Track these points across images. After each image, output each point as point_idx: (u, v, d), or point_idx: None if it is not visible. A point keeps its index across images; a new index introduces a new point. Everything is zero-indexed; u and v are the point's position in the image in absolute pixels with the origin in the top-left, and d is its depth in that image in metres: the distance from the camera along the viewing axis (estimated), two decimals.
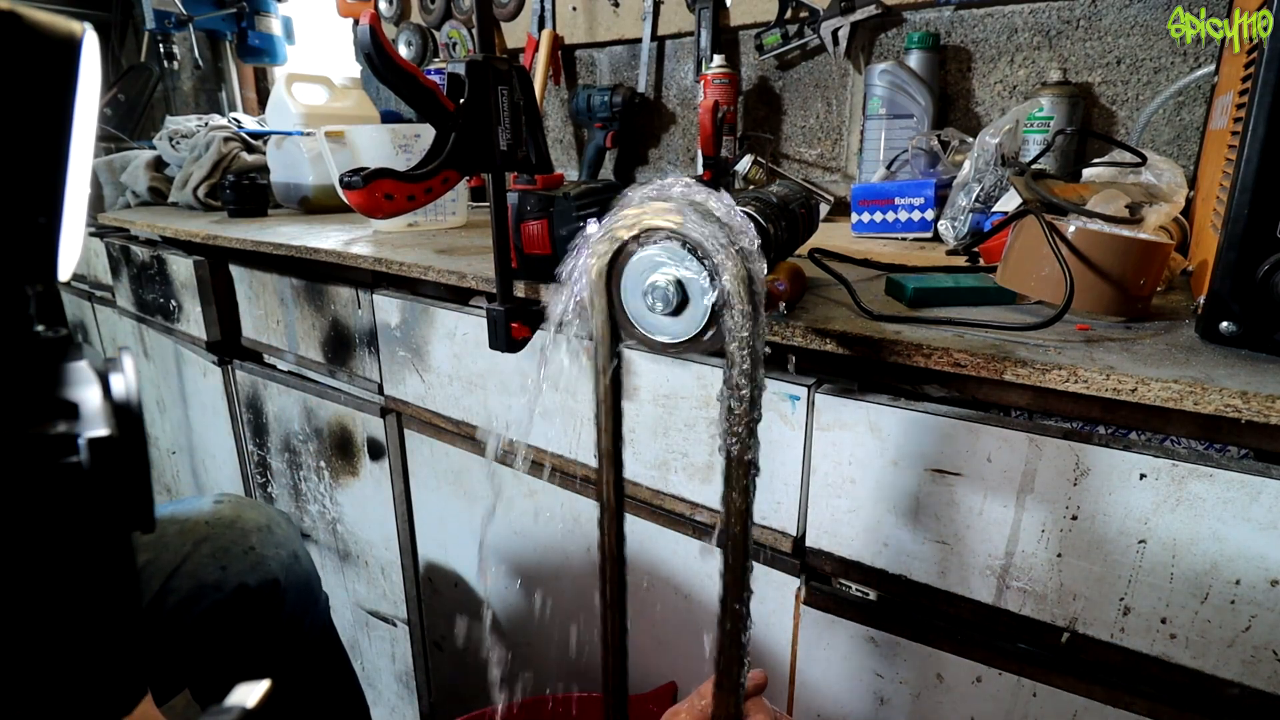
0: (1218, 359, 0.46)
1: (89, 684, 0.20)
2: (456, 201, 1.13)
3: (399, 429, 0.98)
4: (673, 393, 0.67)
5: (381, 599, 1.12)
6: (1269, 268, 0.44)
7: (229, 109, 2.30)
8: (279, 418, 1.17)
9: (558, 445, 0.79)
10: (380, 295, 0.92)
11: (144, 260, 1.33)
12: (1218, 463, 0.44)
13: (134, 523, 0.19)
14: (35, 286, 0.20)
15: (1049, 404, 0.52)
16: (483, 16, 0.66)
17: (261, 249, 1.03)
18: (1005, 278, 0.59)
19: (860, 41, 1.20)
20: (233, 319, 1.22)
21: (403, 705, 1.18)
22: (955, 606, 0.55)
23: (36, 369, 0.20)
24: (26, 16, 0.18)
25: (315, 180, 1.35)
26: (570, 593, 0.84)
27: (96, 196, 1.60)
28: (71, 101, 0.19)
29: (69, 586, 0.19)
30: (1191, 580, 0.45)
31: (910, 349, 0.50)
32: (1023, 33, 1.07)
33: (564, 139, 1.63)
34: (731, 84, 1.26)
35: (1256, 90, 0.43)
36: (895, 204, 0.94)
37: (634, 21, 1.41)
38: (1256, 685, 0.45)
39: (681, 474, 0.68)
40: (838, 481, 0.58)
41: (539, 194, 0.69)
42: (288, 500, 1.23)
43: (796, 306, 0.60)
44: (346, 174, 0.62)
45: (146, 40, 2.25)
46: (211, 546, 0.80)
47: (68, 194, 0.20)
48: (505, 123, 0.66)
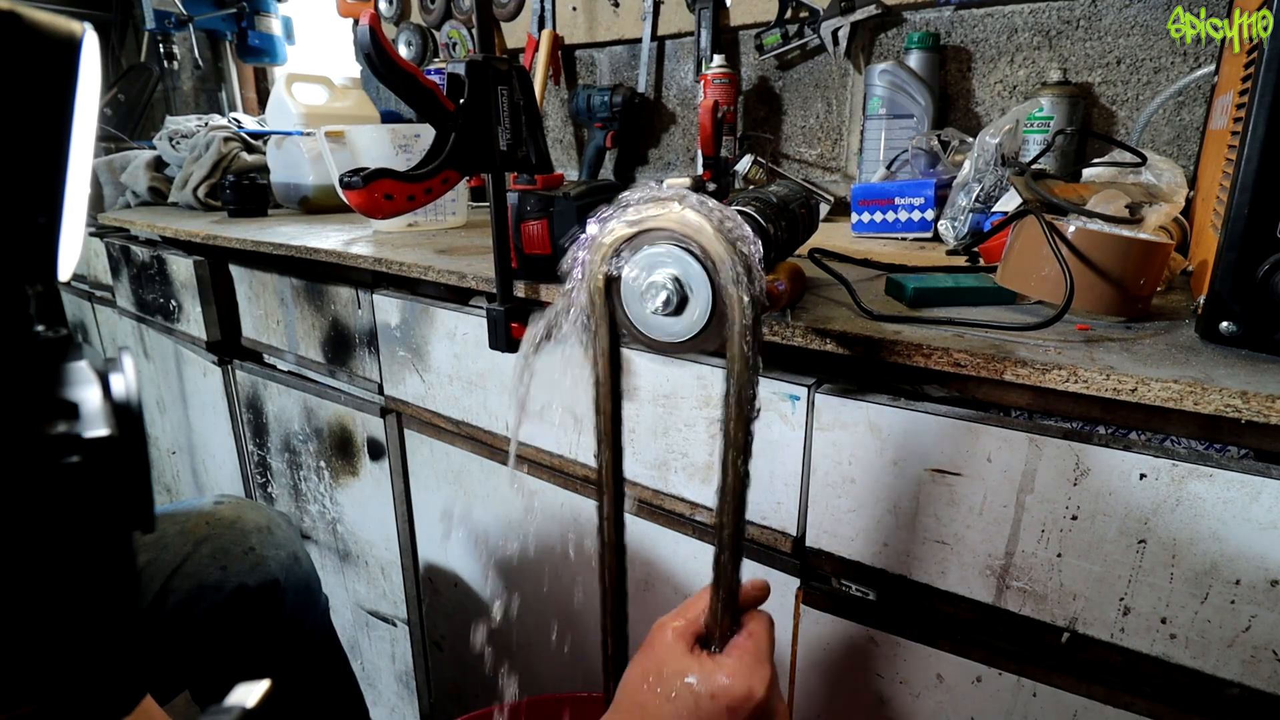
0: (1218, 359, 0.46)
1: (89, 684, 0.20)
2: (456, 201, 1.13)
3: (399, 429, 0.98)
4: (673, 393, 0.67)
5: (381, 599, 1.12)
6: (1269, 268, 0.44)
7: (229, 109, 2.30)
8: (279, 418, 1.17)
9: (557, 445, 0.79)
10: (380, 295, 0.92)
11: (144, 260, 1.33)
12: (1218, 463, 0.44)
13: (134, 523, 0.19)
14: (35, 286, 0.20)
15: (1049, 404, 0.52)
16: (483, 16, 0.66)
17: (261, 249, 1.03)
18: (1005, 278, 0.59)
19: (860, 41, 1.20)
20: (233, 319, 1.22)
21: (403, 705, 1.18)
22: (955, 606, 0.55)
23: (36, 369, 0.20)
24: (26, 16, 0.18)
25: (315, 180, 1.35)
26: (570, 592, 0.84)
27: (96, 196, 1.60)
28: (71, 101, 0.19)
29: (69, 586, 0.19)
30: (1191, 580, 0.45)
31: (910, 349, 0.50)
32: (1023, 33, 1.07)
33: (564, 139, 1.63)
34: (731, 84, 1.26)
35: (1256, 90, 0.43)
36: (895, 204, 0.94)
37: (634, 21, 1.41)
38: (1256, 685, 0.45)
39: (681, 474, 0.68)
40: (838, 481, 0.58)
41: (539, 194, 0.69)
42: (288, 500, 1.23)
43: (796, 306, 0.60)
44: (346, 174, 0.62)
45: (146, 40, 2.25)
46: (211, 547, 0.80)
47: (68, 194, 0.20)
48: (505, 123, 0.66)
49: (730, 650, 0.45)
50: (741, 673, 0.43)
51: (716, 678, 0.43)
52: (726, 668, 0.43)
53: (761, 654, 0.45)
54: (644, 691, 0.44)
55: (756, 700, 0.43)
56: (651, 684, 0.44)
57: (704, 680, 0.43)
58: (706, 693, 0.43)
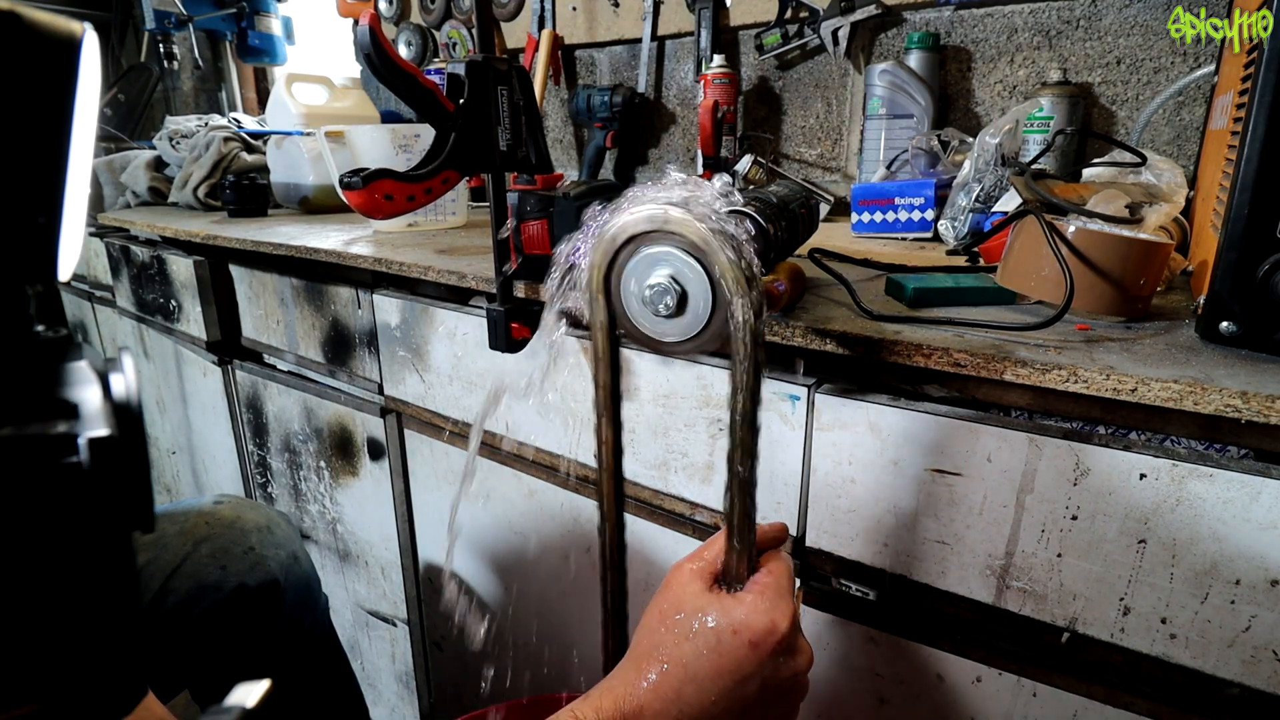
0: (1218, 359, 0.46)
1: (90, 683, 0.20)
2: (456, 201, 1.13)
3: (399, 429, 0.98)
4: (673, 393, 0.67)
5: (381, 599, 1.12)
6: (1269, 268, 0.44)
7: (229, 109, 2.30)
8: (279, 418, 1.17)
9: (558, 445, 0.79)
10: (380, 295, 0.92)
11: (144, 260, 1.33)
12: (1218, 463, 0.44)
13: (134, 523, 0.19)
14: (35, 286, 0.20)
15: (1049, 404, 0.52)
16: (483, 16, 0.66)
17: (261, 249, 1.03)
18: (1005, 278, 0.59)
19: (860, 41, 1.20)
20: (233, 319, 1.22)
21: (403, 705, 1.18)
22: (955, 606, 0.55)
23: (36, 369, 0.20)
24: (26, 16, 0.18)
25: (315, 180, 1.35)
26: (570, 592, 0.84)
27: (96, 196, 1.60)
28: (71, 101, 0.19)
29: (69, 586, 0.19)
30: (1191, 580, 0.45)
31: (910, 349, 0.50)
32: (1023, 33, 1.07)
33: (564, 139, 1.63)
34: (731, 84, 1.26)
35: (1256, 90, 0.43)
36: (895, 204, 0.94)
37: (634, 21, 1.41)
38: (1256, 685, 0.45)
39: (681, 474, 0.68)
40: (838, 481, 0.58)
41: (539, 194, 0.69)
42: (288, 500, 1.23)
43: (796, 306, 0.60)
44: (346, 174, 0.62)
45: (146, 40, 2.25)
46: (211, 547, 0.80)
47: (68, 194, 0.20)
48: (505, 123, 0.66)
49: (750, 587, 0.43)
50: (763, 607, 0.42)
51: (736, 613, 0.41)
52: (747, 604, 0.42)
53: (783, 590, 0.43)
54: (662, 632, 0.43)
55: (780, 634, 0.41)
56: (670, 624, 0.43)
57: (724, 616, 0.41)
58: (728, 628, 0.41)
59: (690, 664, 0.41)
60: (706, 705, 0.41)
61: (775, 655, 0.42)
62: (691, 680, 0.41)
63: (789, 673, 0.43)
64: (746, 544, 0.44)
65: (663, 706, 0.41)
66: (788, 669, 0.43)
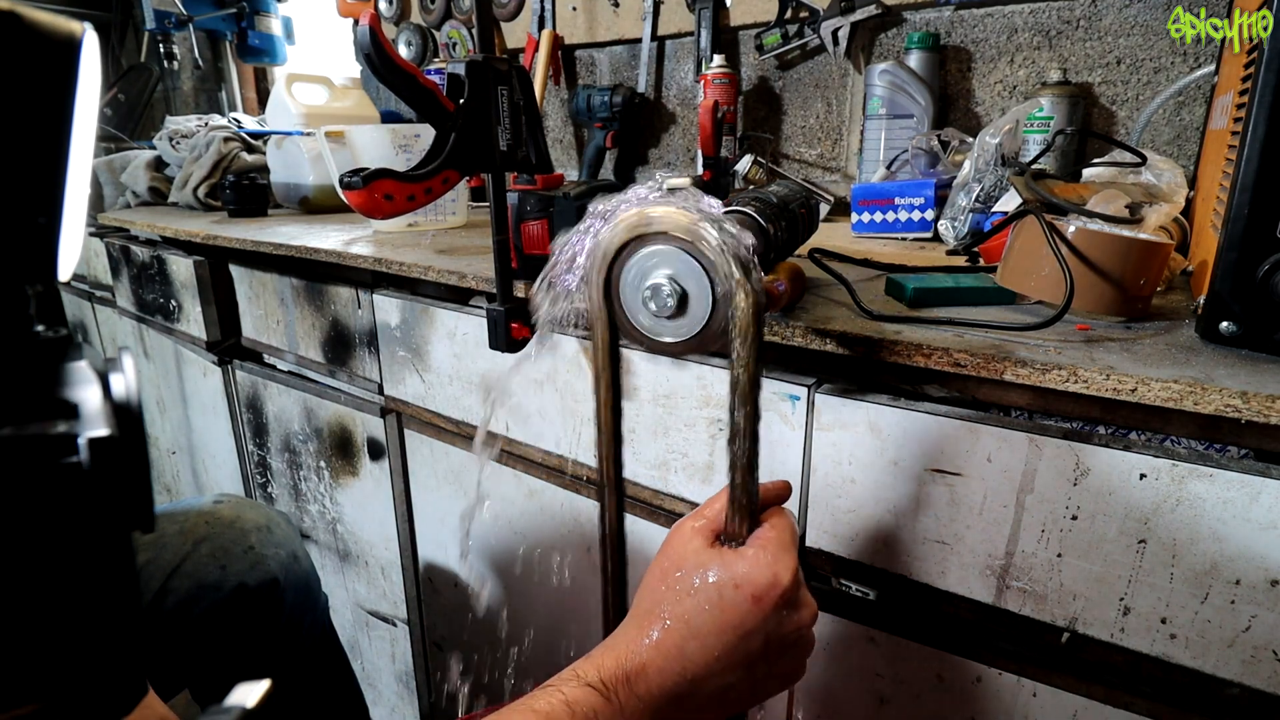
0: (1218, 359, 0.46)
1: (90, 683, 0.20)
2: (456, 201, 1.13)
3: (399, 429, 0.98)
4: (673, 393, 0.67)
5: (381, 599, 1.12)
6: (1269, 268, 0.44)
7: (229, 109, 2.30)
8: (279, 418, 1.17)
9: (558, 445, 0.79)
10: (380, 295, 0.92)
11: (144, 260, 1.33)
12: (1218, 463, 0.44)
13: (134, 523, 0.19)
14: (35, 286, 0.20)
15: (1049, 404, 0.52)
16: (483, 16, 0.66)
17: (261, 249, 1.03)
18: (1005, 278, 0.59)
19: (860, 41, 1.20)
20: (233, 319, 1.22)
21: (403, 705, 1.18)
22: (955, 606, 0.55)
23: (36, 369, 0.20)
24: (26, 16, 0.18)
25: (315, 180, 1.35)
26: (571, 592, 0.84)
27: (96, 196, 1.60)
28: (71, 101, 0.19)
29: (69, 586, 0.19)
30: (1191, 580, 0.45)
31: (910, 349, 0.50)
32: (1023, 33, 1.07)
33: (564, 139, 1.63)
34: (731, 84, 1.26)
35: (1256, 90, 0.43)
36: (895, 204, 0.94)
37: (634, 21, 1.41)
38: (1256, 685, 0.45)
39: (681, 474, 0.68)
40: (838, 481, 0.58)
41: (539, 194, 0.69)
42: (288, 500, 1.23)
43: (796, 306, 0.60)
44: (346, 174, 0.62)
45: (146, 40, 2.26)
46: (211, 546, 0.80)
47: (68, 194, 0.20)
48: (505, 123, 0.66)
49: (752, 542, 0.43)
50: (765, 561, 0.41)
51: (738, 567, 0.41)
52: (749, 558, 0.41)
53: (785, 544, 0.42)
54: (663, 590, 0.42)
55: (783, 587, 0.41)
56: (671, 581, 0.42)
57: (725, 571, 0.41)
58: (730, 582, 0.41)
59: (692, 620, 0.41)
60: (710, 661, 0.40)
61: (778, 609, 0.41)
62: (694, 636, 0.41)
63: (793, 626, 0.42)
64: (749, 499, 0.43)
65: (665, 663, 0.40)
66: (791, 623, 0.42)
